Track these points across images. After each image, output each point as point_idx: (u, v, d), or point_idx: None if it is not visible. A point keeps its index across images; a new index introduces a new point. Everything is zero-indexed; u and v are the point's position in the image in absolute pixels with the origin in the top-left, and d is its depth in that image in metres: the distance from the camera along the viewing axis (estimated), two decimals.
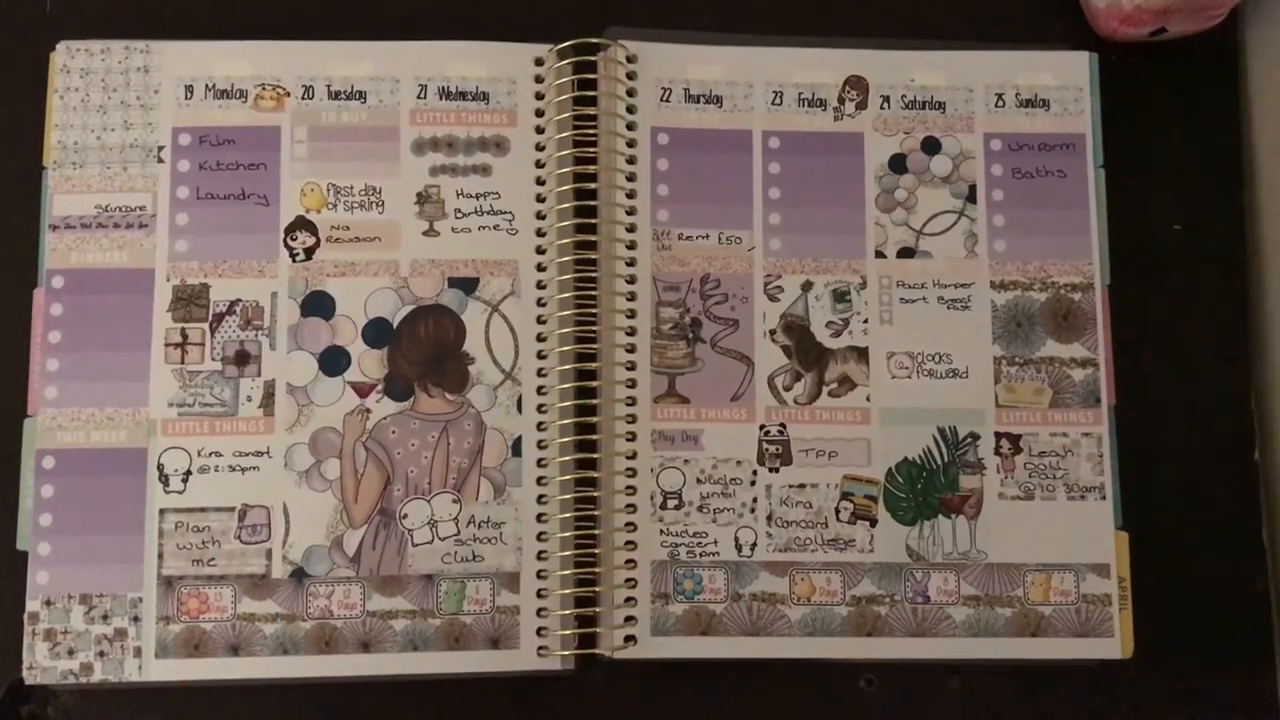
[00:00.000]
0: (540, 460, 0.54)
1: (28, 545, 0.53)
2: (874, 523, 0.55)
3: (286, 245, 0.55)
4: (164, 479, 0.53)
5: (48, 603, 0.52)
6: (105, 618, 0.52)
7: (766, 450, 0.55)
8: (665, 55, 0.58)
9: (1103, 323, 0.57)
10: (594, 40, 0.57)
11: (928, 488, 0.55)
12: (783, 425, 0.56)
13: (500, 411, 0.55)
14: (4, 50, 0.57)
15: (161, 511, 0.53)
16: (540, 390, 0.55)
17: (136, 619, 0.52)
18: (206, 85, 0.56)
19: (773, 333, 0.56)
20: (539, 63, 0.57)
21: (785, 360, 0.56)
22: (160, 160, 0.55)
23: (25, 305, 0.54)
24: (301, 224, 0.55)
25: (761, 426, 0.55)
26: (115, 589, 0.52)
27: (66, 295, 0.54)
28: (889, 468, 0.55)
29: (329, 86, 0.56)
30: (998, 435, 0.56)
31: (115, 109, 0.55)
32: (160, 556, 0.53)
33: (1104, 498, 0.55)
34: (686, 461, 0.55)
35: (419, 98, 0.56)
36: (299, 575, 0.53)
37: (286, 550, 0.53)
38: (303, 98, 0.56)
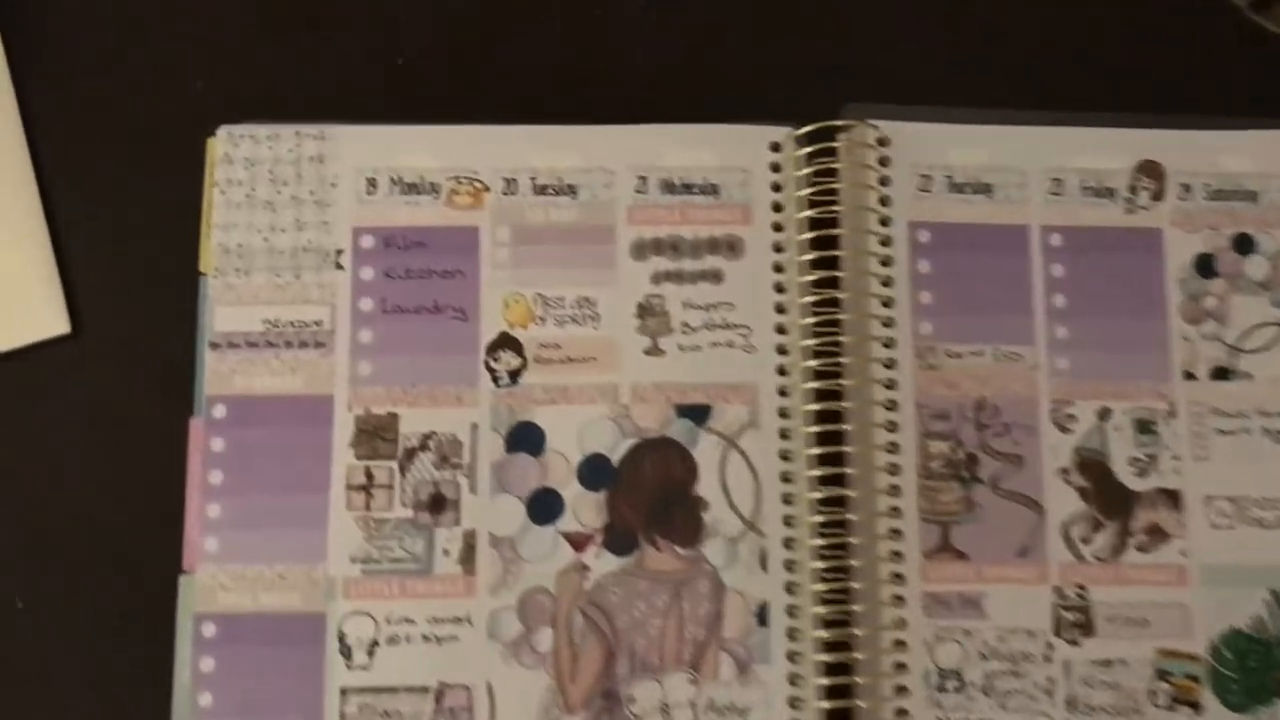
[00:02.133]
0: (792, 631, 0.45)
1: None
2: (1198, 708, 0.45)
3: (488, 367, 0.47)
4: (346, 651, 0.44)
5: None
6: None
7: (1063, 618, 0.46)
8: (923, 137, 0.49)
9: None
10: (842, 122, 0.48)
11: (1263, 665, 0.45)
12: (1082, 587, 0.46)
13: (741, 570, 0.46)
14: (150, 136, 0.49)
15: (343, 691, 0.44)
16: (788, 543, 0.46)
17: None
18: (391, 178, 0.48)
19: (1065, 471, 0.47)
20: (775, 148, 0.48)
21: (1082, 505, 0.47)
22: (339, 266, 0.47)
23: (179, 439, 0.46)
24: (505, 342, 0.47)
25: (1056, 588, 0.46)
26: None
27: (230, 427, 0.46)
28: (1213, 640, 0.45)
29: (533, 179, 0.48)
30: None
31: (285, 205, 0.47)
32: None
33: None
34: (967, 633, 0.46)
35: (638, 191, 0.48)
36: None
37: None
38: (504, 192, 0.48)
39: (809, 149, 0.47)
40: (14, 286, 0.48)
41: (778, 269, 0.47)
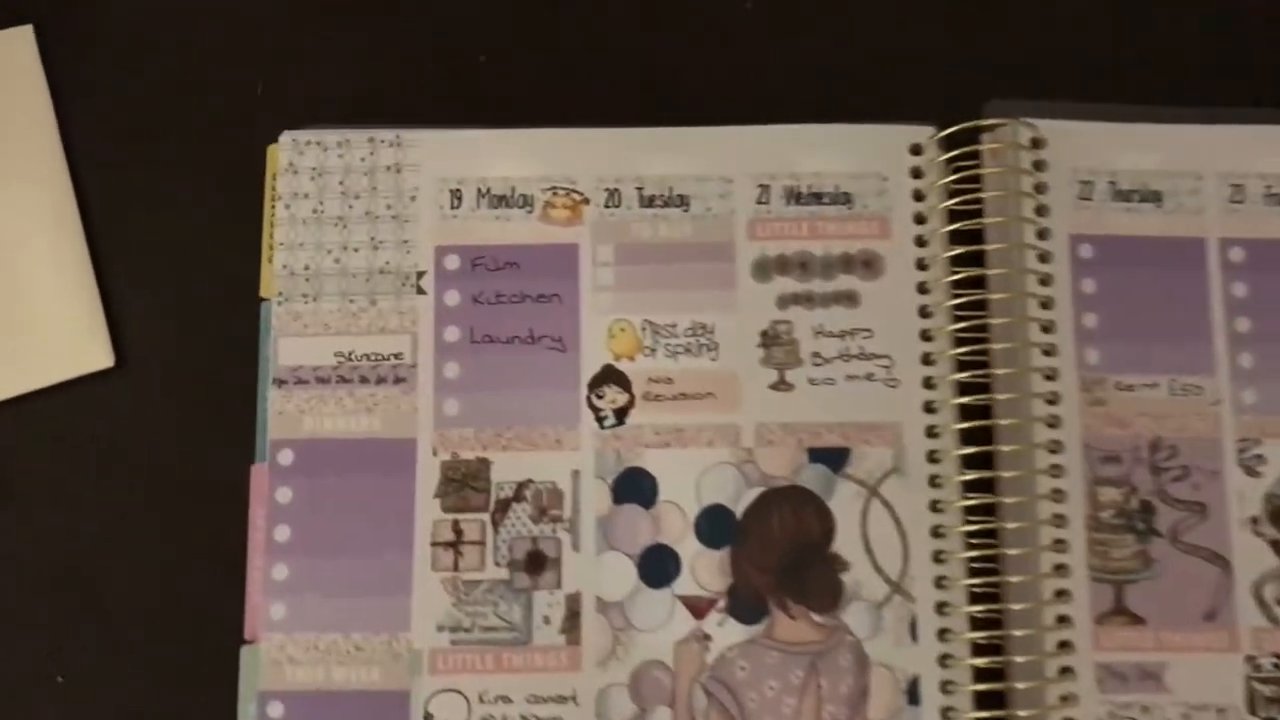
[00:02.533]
0: (947, 711, 0.39)
1: None
2: None
3: (591, 405, 0.41)
4: None
5: None
6: None
7: (1258, 692, 0.39)
8: (1082, 138, 0.42)
9: None
10: (992, 121, 0.42)
11: None
12: (1278, 656, 0.40)
13: (887, 640, 0.39)
14: (203, 145, 0.44)
15: None
16: (941, 608, 0.40)
17: None
18: (479, 189, 0.42)
19: (1255, 521, 0.40)
20: (916, 151, 0.43)
21: (1276, 560, 0.41)
22: (420, 290, 0.41)
23: (239, 489, 0.40)
24: (610, 376, 0.41)
25: (1249, 657, 0.39)
26: None
27: (297, 475, 0.40)
28: None
29: (640, 190, 0.42)
30: None
31: (358, 222, 0.42)
32: None
33: None
34: (1146, 709, 0.39)
35: (759, 202, 0.42)
36: None
37: None
38: (606, 205, 0.42)
39: (954, 152, 0.41)
40: (51, 313, 0.43)
41: (922, 289, 0.41)
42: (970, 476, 0.40)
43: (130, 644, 0.40)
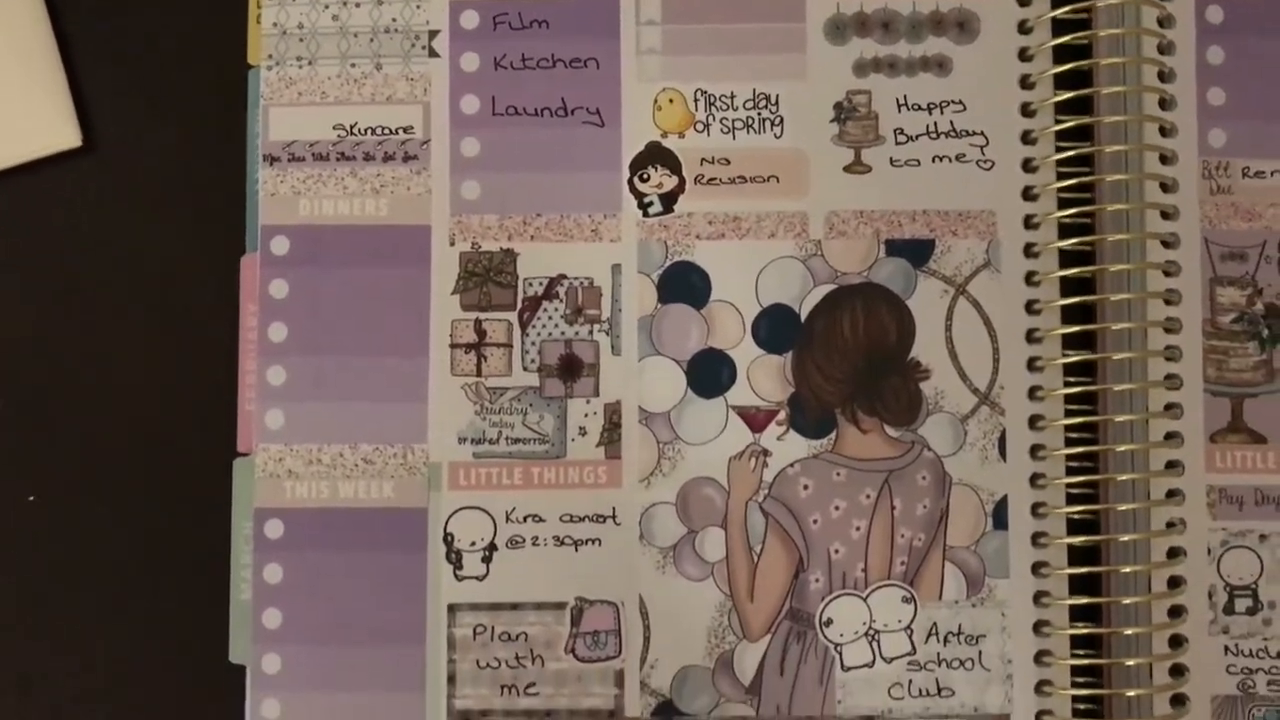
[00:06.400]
0: (1038, 536, 0.35)
1: (246, 657, 0.34)
2: None
3: (634, 190, 0.35)
4: (455, 558, 0.34)
5: None
6: None
7: None
8: None
9: None
10: None
11: None
12: None
13: (973, 457, 0.35)
14: None
15: (451, 609, 0.34)
16: (1036, 423, 0.35)
17: None
18: None
19: None
20: None
21: None
22: (433, 53, 0.35)
23: (228, 282, 0.35)
24: (656, 155, 0.35)
25: None
26: None
27: (294, 266, 0.35)
28: None
29: None
30: None
31: None
32: (451, 680, 0.34)
33: None
34: (1264, 539, 0.35)
35: None
36: (667, 713, 0.34)
37: (647, 674, 0.34)
38: None
39: None
40: (8, 85, 0.37)
41: (1024, 56, 0.35)
42: (1070, 273, 0.35)
43: (107, 459, 0.36)
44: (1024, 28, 0.35)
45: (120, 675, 0.35)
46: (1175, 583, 0.34)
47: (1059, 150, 0.35)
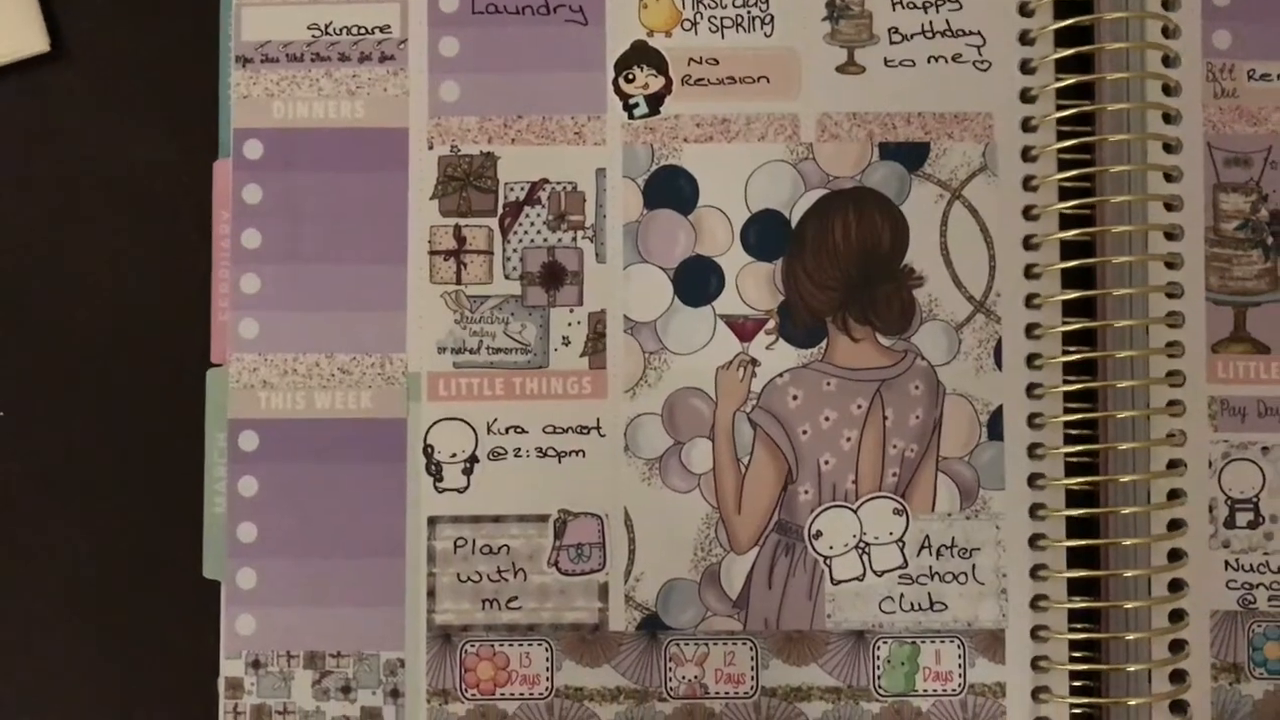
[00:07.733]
0: (1034, 448, 0.34)
1: (220, 573, 0.34)
2: None
3: (619, 90, 0.34)
4: (435, 469, 0.33)
5: (255, 664, 0.33)
6: (346, 690, 0.33)
7: None
8: None
9: None
10: None
11: None
12: None
13: (967, 365, 0.34)
14: None
15: (432, 521, 0.33)
16: (1032, 331, 0.34)
17: (396, 693, 0.33)
18: None
19: None
20: None
21: None
22: None
23: (201, 187, 0.34)
24: (642, 54, 0.34)
25: None
26: (362, 645, 0.33)
27: (268, 171, 0.34)
28: None
29: None
30: None
31: None
32: (431, 594, 0.33)
33: None
34: (1266, 450, 0.35)
35: None
36: (652, 627, 0.34)
37: (632, 587, 0.33)
38: None
39: None
40: None
41: None
42: (1068, 175, 0.34)
43: (78, 370, 0.34)
44: None
45: (91, 592, 0.34)
46: (1175, 495, 0.34)
47: (1057, 49, 0.34)
